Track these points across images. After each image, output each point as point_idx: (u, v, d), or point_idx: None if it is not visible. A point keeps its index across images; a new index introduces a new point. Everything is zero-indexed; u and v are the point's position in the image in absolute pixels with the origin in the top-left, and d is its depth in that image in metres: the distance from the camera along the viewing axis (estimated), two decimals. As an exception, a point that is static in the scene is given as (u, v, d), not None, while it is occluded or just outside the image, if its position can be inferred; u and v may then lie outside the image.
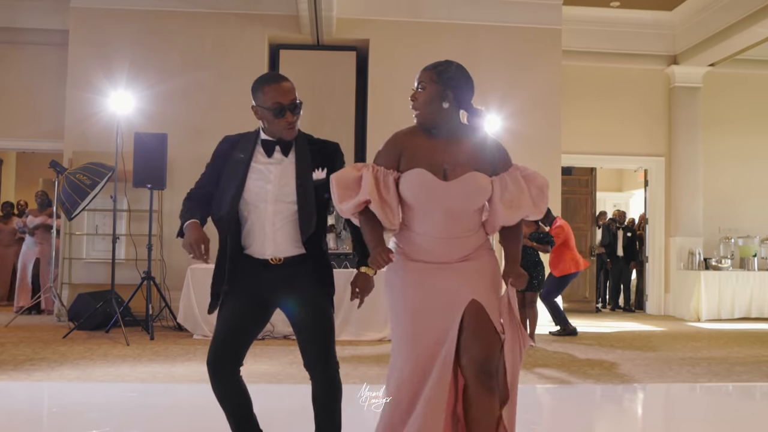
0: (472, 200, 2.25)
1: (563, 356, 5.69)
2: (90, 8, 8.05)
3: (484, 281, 2.24)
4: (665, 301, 9.27)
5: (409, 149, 2.28)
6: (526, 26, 8.26)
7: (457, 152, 2.27)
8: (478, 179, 2.24)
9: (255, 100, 2.40)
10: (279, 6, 8.08)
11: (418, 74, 2.33)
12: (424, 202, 2.24)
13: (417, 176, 2.23)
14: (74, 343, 5.93)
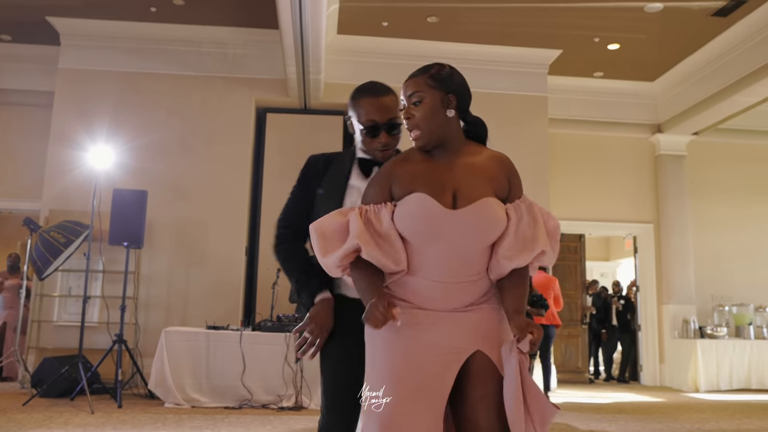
0: (486, 234, 1.74)
1: (563, 427, 5.20)
2: (77, 69, 7.92)
3: (490, 330, 1.76)
4: (661, 372, 8.79)
5: (401, 175, 1.79)
6: (513, 93, 8.20)
7: (464, 170, 1.79)
8: (493, 207, 1.75)
9: (349, 112, 2.08)
10: (267, 70, 7.99)
11: (404, 86, 1.83)
12: (425, 235, 1.74)
13: (417, 202, 1.73)
14: (34, 411, 5.37)
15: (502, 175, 1.81)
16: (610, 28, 7.46)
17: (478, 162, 1.81)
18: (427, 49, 8.02)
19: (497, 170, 1.81)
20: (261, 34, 7.88)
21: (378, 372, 1.73)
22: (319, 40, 6.63)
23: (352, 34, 7.89)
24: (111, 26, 7.83)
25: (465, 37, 7.91)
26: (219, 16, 7.66)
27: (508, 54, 8.13)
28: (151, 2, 7.38)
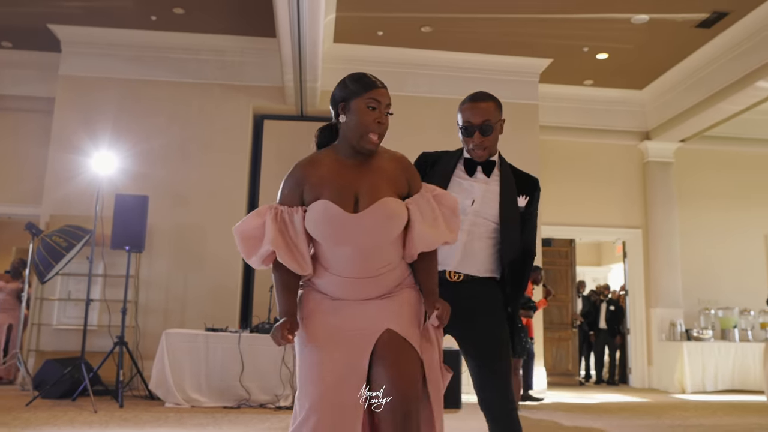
0: (387, 232, 1.95)
1: (549, 424, 5.49)
2: (78, 76, 8.16)
3: (401, 312, 1.97)
4: (649, 374, 9.11)
5: (311, 178, 2.00)
6: (504, 101, 8.44)
7: (370, 174, 2.00)
8: (391, 206, 1.96)
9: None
10: (264, 78, 8.27)
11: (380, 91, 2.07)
12: (332, 239, 1.94)
13: (321, 210, 1.93)
14: (38, 411, 5.59)
15: (401, 175, 2.05)
16: (598, 38, 7.79)
17: (379, 164, 2.04)
18: (420, 58, 8.36)
19: (397, 171, 2.05)
20: (258, 42, 8.17)
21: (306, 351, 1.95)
22: (316, 50, 6.92)
23: (348, 43, 8.19)
24: (112, 34, 8.09)
25: (458, 46, 8.21)
26: (218, 24, 7.94)
27: (499, 63, 8.45)
28: (151, 11, 7.64)
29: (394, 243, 2.00)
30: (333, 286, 1.99)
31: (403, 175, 2.04)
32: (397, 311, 1.97)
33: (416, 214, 1.98)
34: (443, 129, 8.37)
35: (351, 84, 2.04)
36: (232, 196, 7.88)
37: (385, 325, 1.93)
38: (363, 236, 1.92)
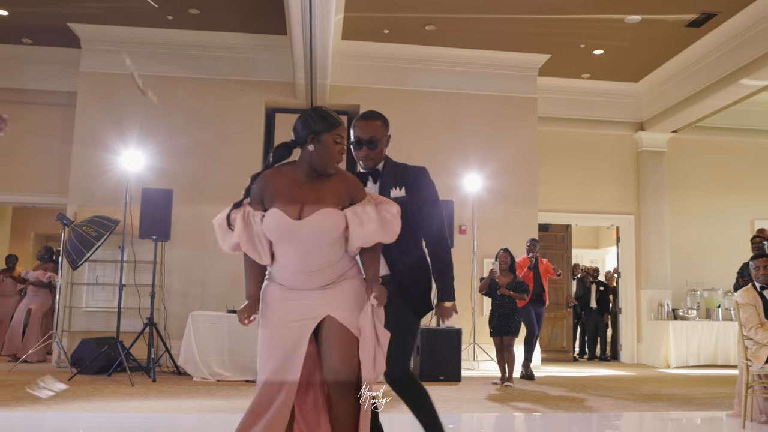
0: (324, 236, 2.44)
1: (538, 394, 6.42)
2: (98, 72, 8.96)
3: (342, 299, 2.49)
4: (638, 350, 10.08)
5: (270, 187, 2.49)
6: (503, 95, 9.34)
7: (317, 190, 2.49)
8: (328, 216, 2.43)
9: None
10: (276, 74, 9.07)
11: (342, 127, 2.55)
12: (280, 240, 2.45)
13: (272, 217, 2.43)
14: (81, 385, 6.48)
15: (343, 190, 2.52)
16: (594, 36, 8.56)
17: (329, 183, 2.52)
18: (424, 54, 9.15)
19: (339, 187, 2.52)
20: (270, 39, 8.95)
21: (263, 332, 2.53)
22: (326, 52, 7.72)
23: (356, 40, 8.96)
24: (129, 32, 8.88)
25: (460, 43, 8.99)
26: (232, 23, 8.71)
27: (499, 58, 9.24)
28: (168, 10, 8.41)
29: (335, 244, 2.50)
30: (286, 278, 2.51)
31: (345, 190, 2.52)
32: (337, 299, 2.49)
33: (353, 220, 2.47)
34: (446, 121, 9.25)
35: (320, 121, 2.50)
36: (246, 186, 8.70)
37: (326, 312, 2.47)
38: (304, 239, 2.43)
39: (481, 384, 7.13)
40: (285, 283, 2.51)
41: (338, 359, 2.43)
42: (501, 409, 5.54)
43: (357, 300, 2.52)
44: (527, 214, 9.21)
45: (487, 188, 9.00)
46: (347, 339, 2.45)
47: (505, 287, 7.05)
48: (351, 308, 2.50)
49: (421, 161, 9.62)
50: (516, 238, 9.03)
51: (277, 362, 2.43)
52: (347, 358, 2.43)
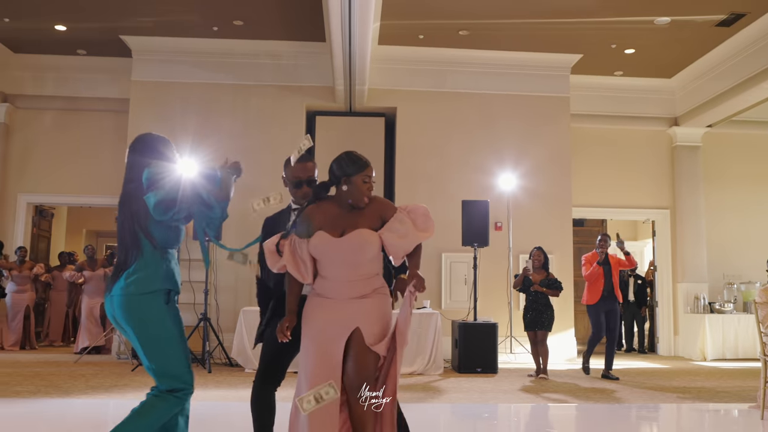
0: (362, 252, 2.89)
1: (570, 386, 6.92)
2: (149, 81, 9.69)
3: (371, 314, 2.90)
4: (675, 343, 10.46)
5: (316, 219, 2.96)
6: (537, 95, 9.79)
7: (355, 217, 2.96)
8: (363, 235, 2.89)
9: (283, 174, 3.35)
10: (316, 79, 9.68)
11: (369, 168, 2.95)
12: (324, 254, 2.91)
13: (319, 237, 2.91)
14: (144, 375, 7.17)
15: (374, 213, 2.97)
16: (624, 36, 8.94)
17: (364, 211, 2.97)
18: (458, 57, 9.64)
19: (372, 211, 2.97)
20: (310, 46, 9.55)
21: (304, 339, 2.94)
22: (365, 59, 8.28)
23: (392, 45, 9.49)
24: (178, 43, 9.58)
25: (493, 45, 9.46)
26: (273, 31, 9.32)
27: (532, 59, 9.68)
28: (213, 22, 9.07)
29: (371, 260, 2.97)
30: (327, 288, 2.95)
31: (375, 214, 2.98)
32: (368, 312, 2.91)
33: (390, 237, 2.93)
34: (481, 122, 9.75)
35: (351, 165, 2.94)
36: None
37: (356, 323, 2.87)
38: (343, 253, 2.90)
39: (517, 376, 7.66)
40: (324, 292, 2.94)
41: (357, 370, 2.84)
42: (533, 399, 6.08)
43: (384, 314, 2.95)
44: (562, 211, 9.67)
45: (521, 186, 9.48)
46: (367, 353, 2.86)
47: (538, 284, 7.56)
48: (377, 322, 2.90)
49: (456, 161, 10.27)
50: (551, 234, 9.52)
51: (314, 365, 2.83)
52: (364, 370, 2.85)
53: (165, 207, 2.73)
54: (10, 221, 10.39)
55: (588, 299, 7.59)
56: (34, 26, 9.26)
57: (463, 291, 9.36)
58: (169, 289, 2.82)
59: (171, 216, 2.76)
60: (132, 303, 2.76)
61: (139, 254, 2.80)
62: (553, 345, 8.86)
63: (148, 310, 2.77)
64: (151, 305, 2.76)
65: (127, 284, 2.76)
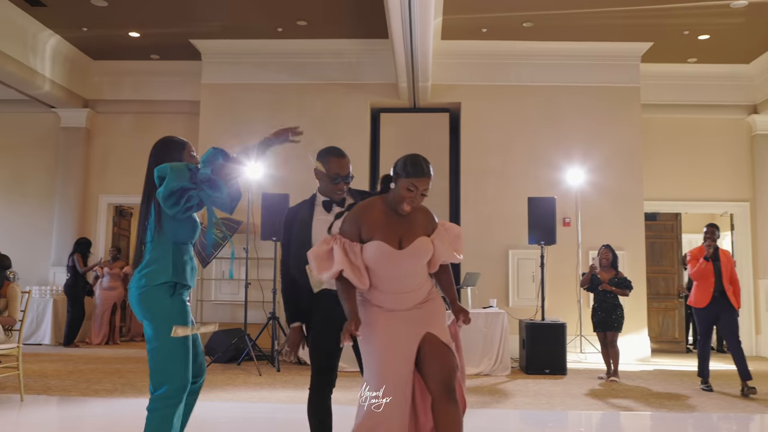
0: (421, 261, 2.84)
1: (642, 390, 6.60)
2: (218, 83, 9.82)
3: (435, 318, 2.84)
4: (757, 342, 9.86)
5: (367, 224, 2.80)
6: (605, 85, 9.36)
7: (408, 224, 2.84)
8: (425, 243, 2.82)
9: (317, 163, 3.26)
10: (380, 76, 9.57)
11: (419, 179, 2.72)
12: (383, 267, 2.77)
13: (377, 248, 2.75)
14: (215, 374, 7.33)
15: (426, 221, 2.90)
16: (698, 21, 8.41)
17: (414, 217, 2.87)
18: (523, 50, 9.32)
19: (422, 219, 2.90)
20: (373, 43, 9.44)
21: (369, 351, 2.78)
22: (427, 56, 8.10)
23: (455, 39, 9.27)
24: (244, 45, 9.66)
25: (558, 36, 9.09)
26: (336, 30, 9.26)
27: (599, 49, 9.26)
28: (278, 23, 9.09)
29: (423, 268, 2.90)
30: (385, 300, 2.82)
31: (427, 222, 2.91)
32: (433, 318, 2.85)
33: (438, 244, 2.89)
34: (547, 115, 9.41)
35: (406, 167, 2.76)
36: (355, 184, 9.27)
37: (426, 329, 2.79)
38: (406, 265, 2.80)
39: (587, 378, 7.38)
40: (383, 304, 2.81)
41: (446, 369, 2.72)
42: (602, 406, 5.81)
43: (444, 317, 2.90)
44: (633, 205, 9.24)
45: (590, 181, 9.11)
46: (448, 351, 2.77)
47: (606, 283, 7.24)
48: (443, 324, 2.86)
49: (522, 156, 10.02)
50: (621, 230, 9.12)
51: (387, 374, 2.69)
52: (451, 367, 2.74)
53: (174, 198, 2.77)
54: (92, 221, 10.80)
55: (695, 300, 6.57)
56: (111, 33, 9.53)
57: (531, 289, 9.10)
58: (175, 282, 2.85)
59: (182, 206, 2.79)
60: (142, 296, 2.82)
61: (151, 249, 2.87)
62: (625, 345, 8.52)
63: (154, 302, 2.81)
64: (156, 298, 2.81)
65: (139, 278, 2.84)
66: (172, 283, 2.84)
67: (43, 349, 9.46)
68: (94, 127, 10.88)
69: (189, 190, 2.79)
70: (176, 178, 2.79)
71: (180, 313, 2.86)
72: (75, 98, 10.55)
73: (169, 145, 3.06)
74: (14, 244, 10.43)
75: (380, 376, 2.69)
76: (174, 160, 2.99)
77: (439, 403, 2.70)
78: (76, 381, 6.61)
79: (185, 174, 2.82)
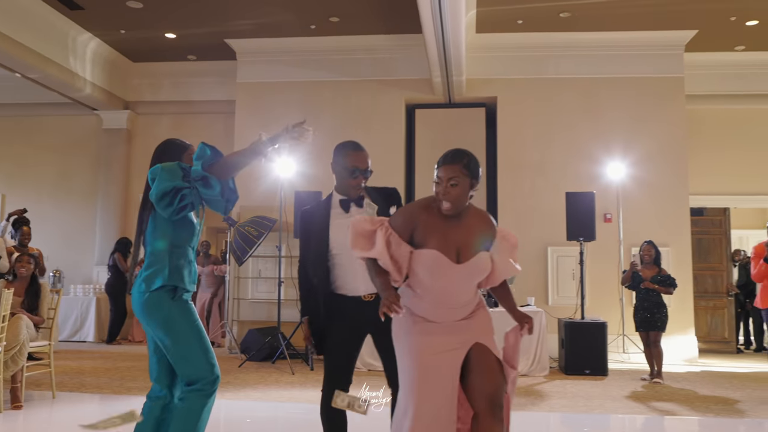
0: (477, 278, 2.59)
1: (687, 392, 6.22)
2: (253, 82, 9.76)
3: (482, 328, 2.60)
4: (812, 344, 9.29)
5: (423, 225, 2.55)
6: (647, 76, 8.93)
7: (466, 232, 2.56)
8: (484, 260, 2.56)
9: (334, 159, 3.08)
10: (414, 71, 9.35)
11: (442, 167, 2.51)
12: (435, 279, 2.53)
13: (433, 258, 2.50)
14: (249, 372, 7.26)
15: (487, 230, 2.62)
16: (745, 7, 7.94)
17: (473, 223, 2.59)
18: (560, 41, 8.98)
19: (484, 228, 2.61)
20: (406, 39, 9.23)
21: (405, 357, 2.55)
22: (459, 49, 7.86)
23: (490, 32, 8.99)
24: (278, 43, 9.58)
25: (596, 26, 8.72)
26: (369, 26, 9.09)
27: (641, 38, 8.84)
28: (310, 21, 8.97)
29: (474, 285, 2.65)
30: (428, 312, 2.58)
31: (486, 229, 2.62)
32: (480, 329, 2.62)
33: (498, 259, 2.62)
34: (586, 108, 9.05)
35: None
36: (391, 181, 9.08)
37: (474, 339, 2.56)
38: (461, 280, 2.55)
39: (629, 379, 7.03)
40: (426, 315, 2.58)
41: (494, 384, 2.51)
42: (643, 410, 5.48)
43: (492, 330, 2.66)
44: (677, 200, 8.80)
45: (631, 175, 8.71)
46: (497, 364, 2.55)
47: (648, 280, 6.87)
48: (491, 336, 2.63)
49: (560, 150, 9.66)
50: (666, 226, 8.70)
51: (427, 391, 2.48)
52: (499, 383, 2.52)
53: (167, 199, 2.72)
54: (133, 221, 10.79)
55: (763, 301, 6.15)
56: (147, 35, 9.57)
57: (571, 287, 8.75)
58: (175, 286, 2.80)
59: (176, 206, 2.73)
60: (143, 301, 2.79)
61: (150, 253, 2.86)
62: (671, 346, 8.11)
63: (156, 307, 2.78)
64: (157, 302, 2.77)
65: (139, 283, 2.81)
66: (171, 286, 2.80)
67: (86, 346, 9.58)
68: (134, 128, 10.98)
69: (182, 189, 2.73)
70: (168, 178, 2.73)
71: (183, 314, 2.81)
72: (115, 100, 10.65)
73: (171, 148, 3.00)
74: (60, 243, 10.69)
75: (418, 390, 2.48)
76: (169, 159, 2.94)
77: (483, 420, 2.48)
78: (111, 378, 6.62)
79: (177, 173, 2.76)
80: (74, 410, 5.28)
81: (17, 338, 4.99)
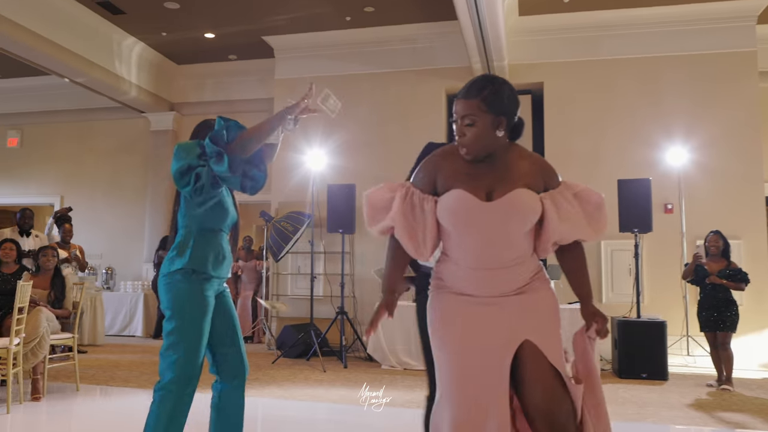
0: (518, 221, 1.93)
1: (762, 402, 5.28)
2: (290, 78, 9.34)
3: (539, 319, 1.95)
4: None
5: (446, 170, 2.02)
6: (712, 52, 7.94)
7: (503, 170, 1.99)
8: (524, 196, 1.94)
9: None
10: (453, 59, 8.69)
11: (456, 102, 2.02)
12: (463, 225, 1.95)
13: (454, 198, 1.96)
14: (281, 368, 6.80)
15: (535, 173, 1.99)
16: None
17: (512, 164, 1.99)
18: (612, 19, 8.13)
19: (530, 168, 1.99)
20: (444, 26, 8.59)
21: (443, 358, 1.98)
22: (498, 32, 7.16)
23: (534, 14, 8.23)
24: (314, 37, 9.14)
25: (653, 0, 7.81)
26: (405, 15, 8.51)
27: (705, 11, 7.86)
28: (345, 12, 8.47)
29: (526, 236, 1.98)
30: (464, 280, 1.98)
31: (538, 174, 2.01)
32: (536, 316, 1.96)
33: (551, 209, 1.96)
34: (642, 90, 8.15)
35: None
36: (431, 175, 8.51)
37: (524, 335, 1.93)
38: (494, 224, 1.92)
39: (692, 385, 6.11)
40: (462, 288, 1.98)
41: (547, 399, 1.87)
42: (706, 420, 4.61)
43: (556, 318, 1.98)
44: (750, 187, 7.74)
45: (695, 160, 7.73)
46: (553, 374, 1.90)
47: (715, 275, 5.92)
48: (552, 331, 1.96)
49: (614, 136, 8.71)
50: (736, 216, 7.68)
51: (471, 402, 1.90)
52: (558, 397, 1.87)
53: (186, 178, 2.55)
54: (180, 220, 10.68)
55: None
56: (187, 36, 9.34)
57: (628, 283, 7.83)
58: (192, 269, 2.59)
59: (193, 186, 2.54)
60: (160, 281, 2.65)
61: (177, 236, 2.70)
62: (743, 348, 7.09)
63: (170, 288, 2.61)
64: (171, 284, 2.61)
65: (164, 265, 2.67)
66: (189, 269, 2.60)
67: (134, 340, 9.50)
68: (180, 129, 10.79)
69: (196, 167, 2.56)
70: (183, 157, 2.58)
71: (193, 306, 2.58)
72: (161, 102, 10.50)
73: (203, 128, 2.86)
74: (113, 241, 10.75)
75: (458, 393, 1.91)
76: (197, 137, 2.83)
77: None
78: (142, 372, 6.39)
79: (194, 151, 2.60)
80: (91, 403, 5.12)
81: (37, 331, 4.88)
